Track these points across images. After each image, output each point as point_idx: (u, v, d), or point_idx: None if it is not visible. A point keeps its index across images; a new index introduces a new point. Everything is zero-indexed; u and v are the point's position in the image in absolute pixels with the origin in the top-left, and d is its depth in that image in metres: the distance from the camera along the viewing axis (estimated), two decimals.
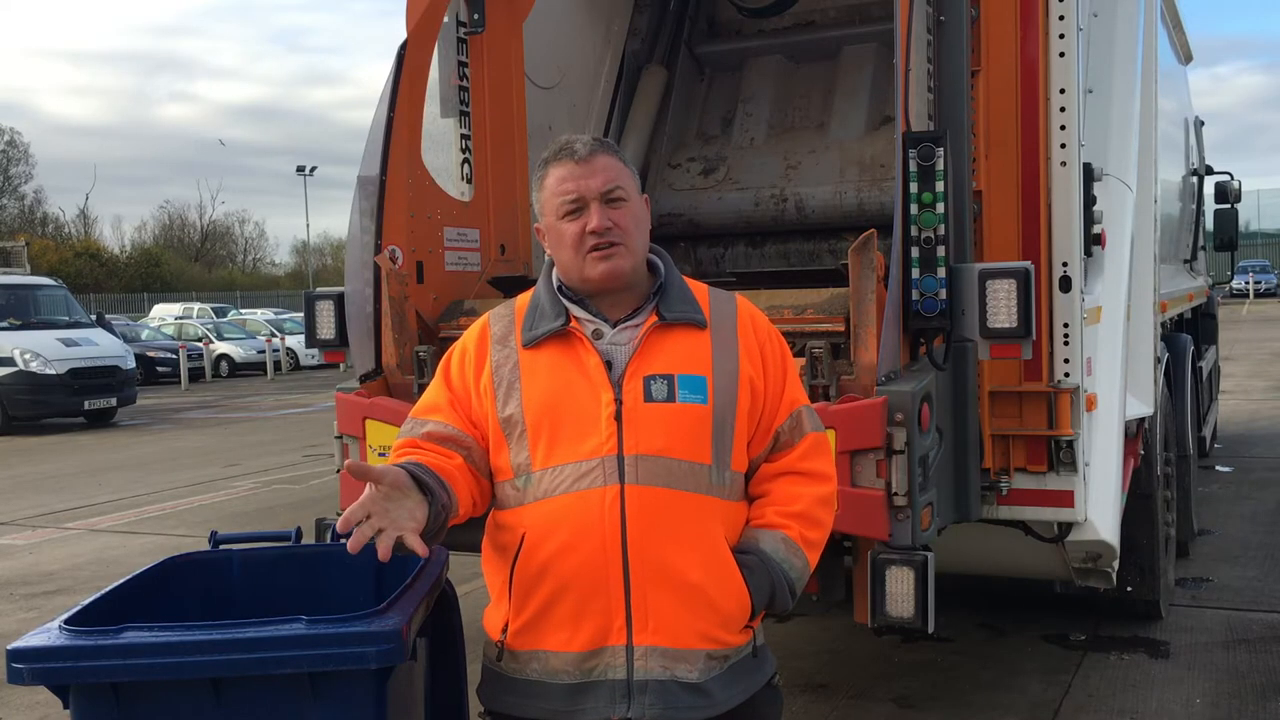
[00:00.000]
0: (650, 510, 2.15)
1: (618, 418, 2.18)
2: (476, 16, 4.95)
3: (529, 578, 2.20)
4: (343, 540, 2.75)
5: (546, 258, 2.35)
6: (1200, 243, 9.75)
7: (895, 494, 3.39)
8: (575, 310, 2.28)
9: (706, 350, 2.26)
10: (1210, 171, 10.65)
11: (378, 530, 2.04)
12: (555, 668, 2.20)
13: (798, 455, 2.30)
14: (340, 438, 4.24)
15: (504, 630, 2.25)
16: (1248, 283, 46.79)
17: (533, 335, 2.28)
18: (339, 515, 4.24)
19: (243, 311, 42.24)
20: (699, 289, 2.36)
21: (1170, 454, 6.27)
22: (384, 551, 2.03)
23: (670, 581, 2.16)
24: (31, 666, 2.05)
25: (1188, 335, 7.98)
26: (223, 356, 30.92)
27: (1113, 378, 4.53)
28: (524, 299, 2.37)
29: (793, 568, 2.26)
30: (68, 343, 18.16)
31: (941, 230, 3.61)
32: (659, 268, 2.34)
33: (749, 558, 2.24)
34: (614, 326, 2.27)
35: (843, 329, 3.74)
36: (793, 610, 5.02)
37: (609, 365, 2.22)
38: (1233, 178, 11.03)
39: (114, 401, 18.47)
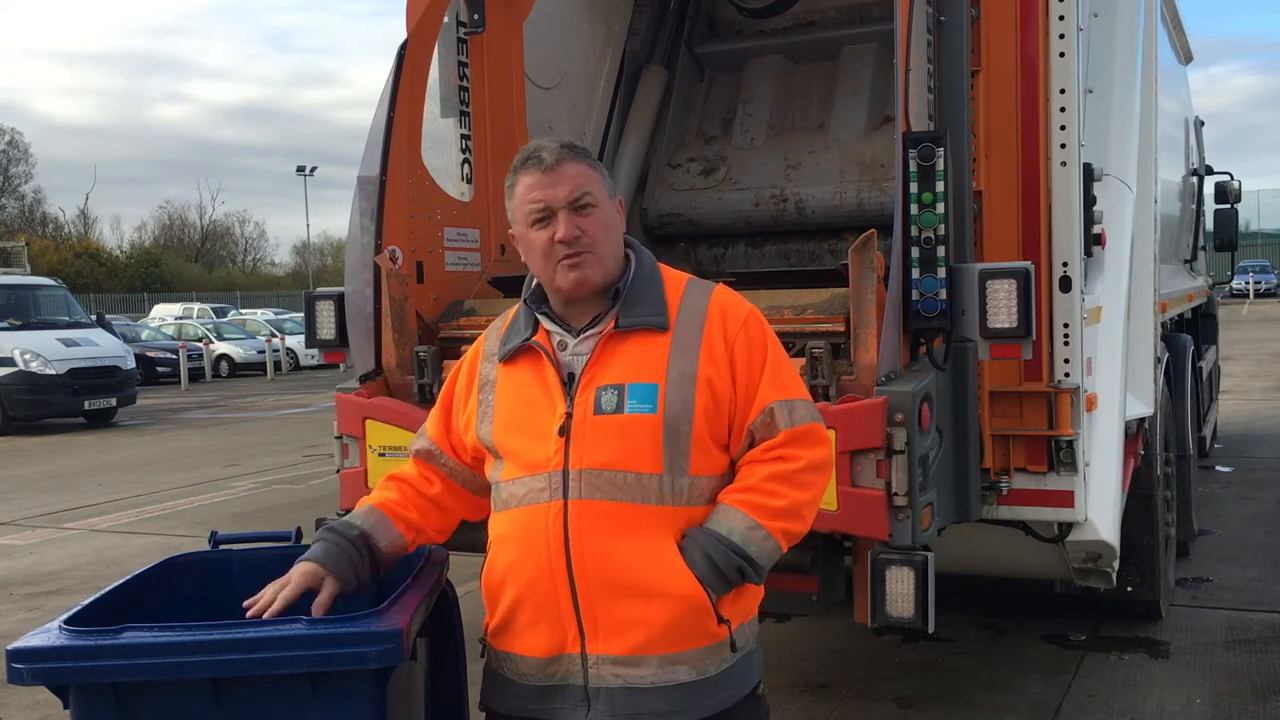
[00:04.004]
0: (593, 525, 2.17)
1: (564, 432, 2.20)
2: (476, 16, 4.95)
3: (493, 585, 2.29)
4: None
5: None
6: (1200, 243, 9.75)
7: (895, 494, 3.38)
8: (545, 322, 2.32)
9: (663, 355, 2.22)
10: (1210, 171, 10.66)
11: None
12: (524, 671, 2.27)
13: (762, 449, 2.24)
14: (340, 438, 4.24)
15: (485, 629, 2.34)
16: (1248, 283, 46.81)
17: (505, 351, 2.34)
18: (339, 515, 4.26)
19: (243, 311, 42.25)
20: (676, 284, 2.33)
21: (1170, 454, 6.27)
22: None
23: (615, 593, 2.17)
24: (31, 666, 2.05)
25: (1188, 335, 7.98)
26: (223, 357, 30.93)
27: (1113, 378, 4.53)
28: (514, 309, 2.41)
29: (732, 531, 2.18)
30: (68, 343, 18.16)
31: (941, 230, 3.60)
32: (628, 267, 2.32)
33: (684, 540, 2.20)
34: (576, 336, 2.28)
35: (843, 329, 3.74)
36: (793, 610, 4.98)
37: (571, 377, 2.24)
38: (1232, 178, 11.04)
39: (114, 401, 18.48)
